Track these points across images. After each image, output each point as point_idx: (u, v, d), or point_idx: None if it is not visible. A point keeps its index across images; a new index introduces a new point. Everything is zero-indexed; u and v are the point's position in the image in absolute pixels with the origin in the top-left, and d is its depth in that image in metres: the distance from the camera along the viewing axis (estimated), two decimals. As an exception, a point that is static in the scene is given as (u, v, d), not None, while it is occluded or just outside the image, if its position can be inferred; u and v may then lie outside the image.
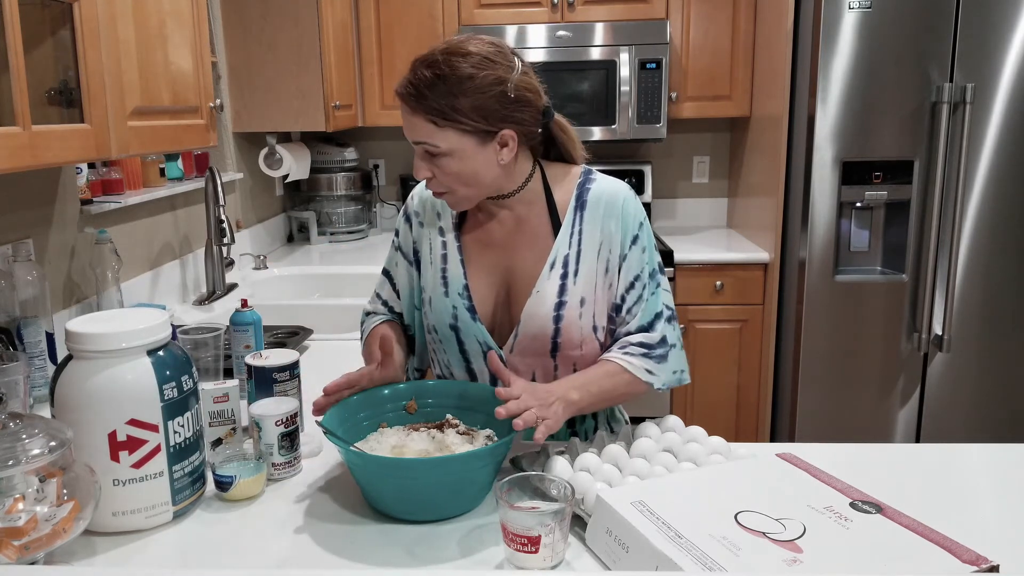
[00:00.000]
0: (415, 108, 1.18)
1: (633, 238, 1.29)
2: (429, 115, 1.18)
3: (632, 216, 1.29)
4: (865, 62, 2.57)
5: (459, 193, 1.24)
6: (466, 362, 1.34)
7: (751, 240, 3.23)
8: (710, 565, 0.86)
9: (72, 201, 1.87)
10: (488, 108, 1.18)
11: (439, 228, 1.36)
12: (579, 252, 1.28)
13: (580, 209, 1.29)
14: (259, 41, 2.82)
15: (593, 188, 1.30)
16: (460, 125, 1.18)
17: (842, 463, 1.22)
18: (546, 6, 3.16)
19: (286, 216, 3.48)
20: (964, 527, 1.03)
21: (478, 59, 1.18)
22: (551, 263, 1.28)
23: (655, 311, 1.29)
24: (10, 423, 0.96)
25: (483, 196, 1.27)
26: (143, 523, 1.07)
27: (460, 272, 1.32)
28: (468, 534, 1.05)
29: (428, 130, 1.19)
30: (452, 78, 1.16)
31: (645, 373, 1.27)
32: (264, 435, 1.20)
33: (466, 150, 1.20)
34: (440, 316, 1.33)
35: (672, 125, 3.47)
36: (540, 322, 1.27)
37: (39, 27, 1.30)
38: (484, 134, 1.19)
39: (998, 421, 2.79)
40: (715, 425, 3.07)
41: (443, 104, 1.16)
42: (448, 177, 1.22)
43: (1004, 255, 2.67)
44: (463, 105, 1.17)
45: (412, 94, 1.18)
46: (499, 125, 1.20)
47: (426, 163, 1.23)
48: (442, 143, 1.19)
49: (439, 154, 1.20)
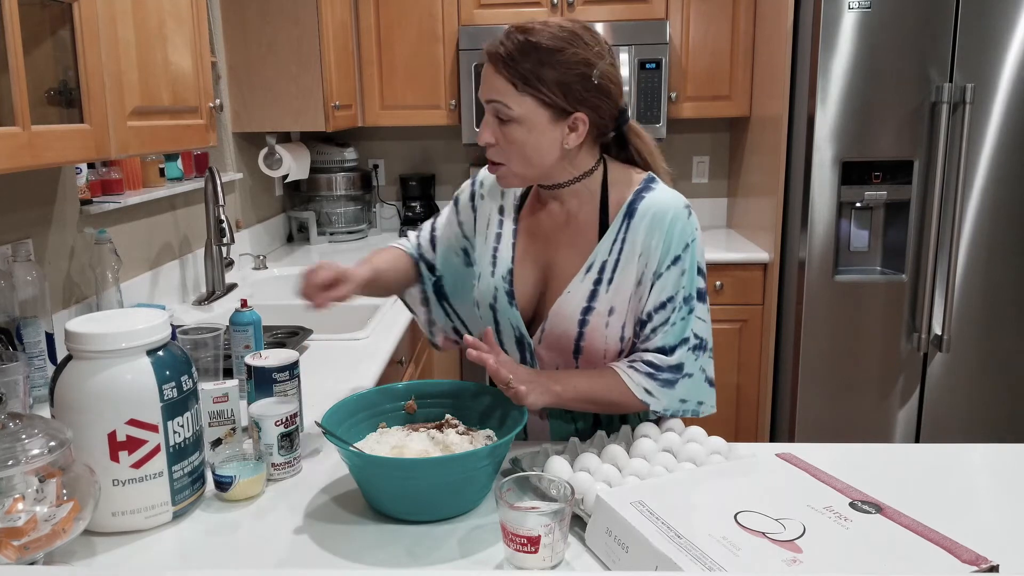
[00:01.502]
0: (499, 68, 1.19)
1: (674, 258, 1.23)
2: (512, 77, 1.18)
3: (678, 235, 1.23)
4: (865, 62, 2.57)
5: (514, 167, 1.23)
6: (500, 342, 1.36)
7: (751, 240, 3.23)
8: (710, 565, 0.86)
9: (72, 201, 1.87)
10: (570, 86, 1.18)
11: (500, 207, 1.38)
12: (617, 261, 1.25)
13: (628, 217, 1.25)
14: (259, 41, 2.81)
15: (647, 197, 1.25)
16: (539, 94, 1.18)
17: (842, 463, 1.22)
18: (546, 6, 3.16)
19: (286, 216, 3.48)
20: (964, 527, 1.03)
21: (570, 35, 1.19)
22: (588, 266, 1.26)
23: (681, 336, 1.25)
24: (10, 423, 0.96)
25: (536, 179, 1.27)
26: (143, 523, 1.07)
27: (509, 256, 1.33)
28: (468, 534, 1.05)
29: (507, 91, 1.18)
30: (543, 47, 1.17)
31: (642, 391, 1.24)
32: (264, 435, 1.20)
33: (537, 123, 1.20)
34: (483, 293, 1.36)
35: (672, 125, 3.47)
36: (565, 323, 1.27)
37: (39, 27, 1.30)
38: (559, 112, 1.20)
39: (998, 421, 2.79)
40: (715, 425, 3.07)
41: (528, 69, 1.17)
42: (511, 146, 1.21)
43: (1004, 255, 2.67)
44: (547, 76, 1.17)
45: (501, 53, 1.19)
46: (576, 106, 1.20)
47: (494, 127, 1.22)
48: (516, 107, 1.19)
49: (509, 119, 1.20)
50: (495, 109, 1.20)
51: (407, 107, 3.27)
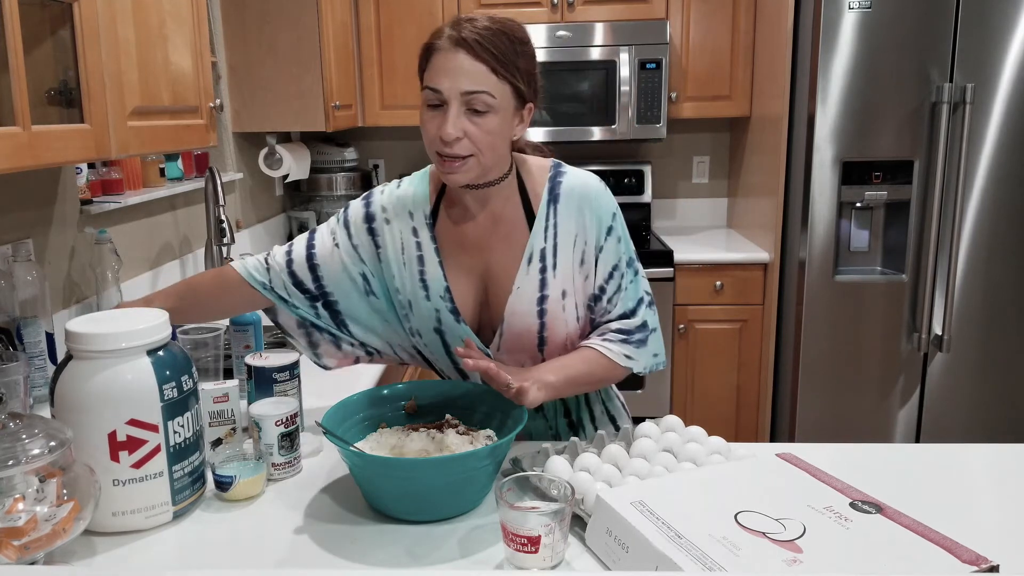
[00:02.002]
0: (478, 54, 1.13)
1: (608, 229, 1.27)
2: (493, 63, 1.14)
3: (606, 207, 1.27)
4: (865, 62, 2.57)
5: (484, 158, 1.18)
6: (454, 363, 1.34)
7: (751, 240, 3.23)
8: (710, 565, 0.86)
9: (72, 201, 1.87)
10: (533, 76, 1.20)
11: (412, 228, 1.30)
12: (555, 245, 1.27)
13: (554, 202, 1.27)
14: (259, 41, 2.81)
15: (565, 181, 1.28)
16: (515, 81, 1.17)
17: (842, 463, 1.22)
18: (546, 6, 3.16)
19: (286, 216, 3.48)
20: (964, 527, 1.03)
21: (527, 32, 1.21)
22: (528, 257, 1.27)
23: (637, 297, 1.30)
24: (10, 423, 0.96)
25: (487, 173, 1.22)
26: (143, 523, 1.07)
27: (440, 274, 1.29)
28: (468, 534, 1.05)
29: (487, 78, 1.14)
30: (514, 37, 1.17)
31: (624, 359, 1.28)
32: (264, 435, 1.20)
33: (508, 111, 1.19)
34: (423, 320, 1.31)
35: (672, 125, 3.47)
36: (524, 319, 1.27)
37: (39, 27, 1.30)
38: (520, 101, 1.20)
39: (998, 421, 2.79)
40: (715, 425, 3.07)
41: (504, 55, 1.16)
42: (485, 138, 1.16)
43: (1004, 255, 2.67)
44: (520, 64, 1.18)
45: (477, 40, 1.14)
46: (532, 97, 1.21)
47: (463, 120, 1.15)
48: (497, 94, 1.16)
49: (486, 110, 1.15)
50: (471, 100, 1.14)
51: (407, 107, 3.27)
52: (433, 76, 1.17)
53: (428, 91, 1.18)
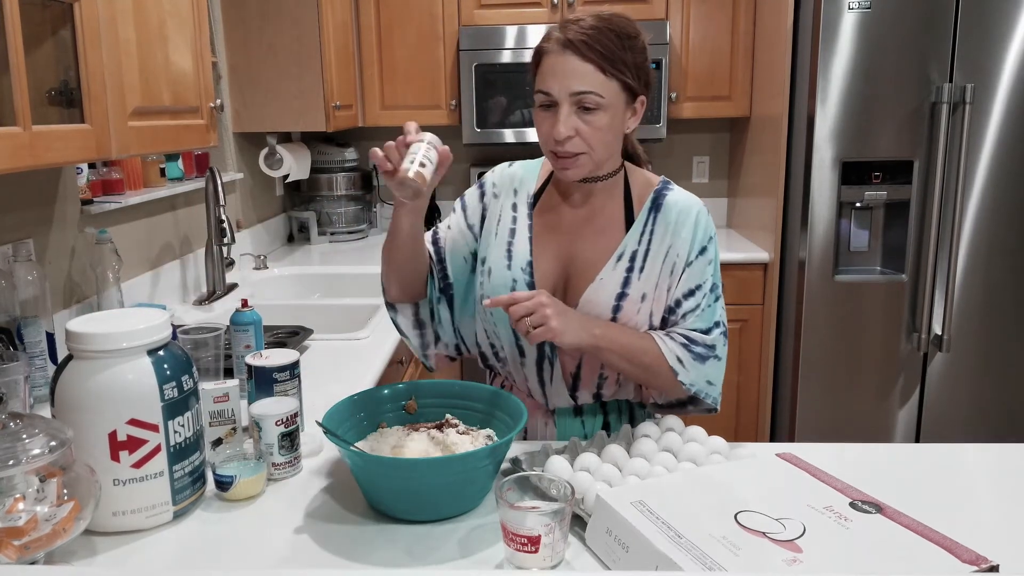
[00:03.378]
0: (585, 55, 1.17)
1: (702, 248, 1.29)
2: (600, 61, 1.17)
3: (704, 228, 1.29)
4: (865, 62, 2.57)
5: (596, 154, 1.22)
6: (516, 338, 1.34)
7: (751, 240, 3.23)
8: (710, 565, 0.86)
9: (72, 201, 1.87)
10: (643, 69, 1.21)
11: (513, 204, 1.36)
12: (647, 251, 1.29)
13: (655, 210, 1.30)
14: (259, 41, 2.82)
15: (670, 195, 1.31)
16: (624, 77, 1.19)
17: (842, 463, 1.22)
18: (546, 6, 3.16)
19: (286, 216, 3.48)
20: (964, 527, 1.03)
21: (636, 25, 1.22)
22: (618, 255, 1.29)
23: (713, 319, 1.30)
24: (10, 423, 0.96)
25: (600, 166, 1.26)
26: (143, 523, 1.07)
27: (526, 248, 1.32)
28: (468, 534, 1.05)
29: (595, 78, 1.17)
30: (622, 32, 1.19)
31: (675, 359, 1.26)
32: (264, 435, 1.20)
33: (618, 107, 1.21)
34: (498, 287, 1.32)
35: (672, 125, 3.47)
36: (599, 310, 1.28)
37: (39, 27, 1.30)
38: (631, 96, 1.22)
39: (998, 421, 2.79)
40: (715, 425, 3.07)
41: (612, 52, 1.17)
42: (596, 134, 1.20)
43: (1004, 255, 2.67)
44: (629, 59, 1.19)
45: (584, 41, 1.17)
46: (644, 90, 1.23)
47: (574, 119, 1.19)
48: (606, 93, 1.18)
49: (596, 107, 1.18)
50: (580, 100, 1.18)
51: (407, 107, 3.27)
52: (543, 79, 1.21)
53: (540, 94, 1.22)
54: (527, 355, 1.34)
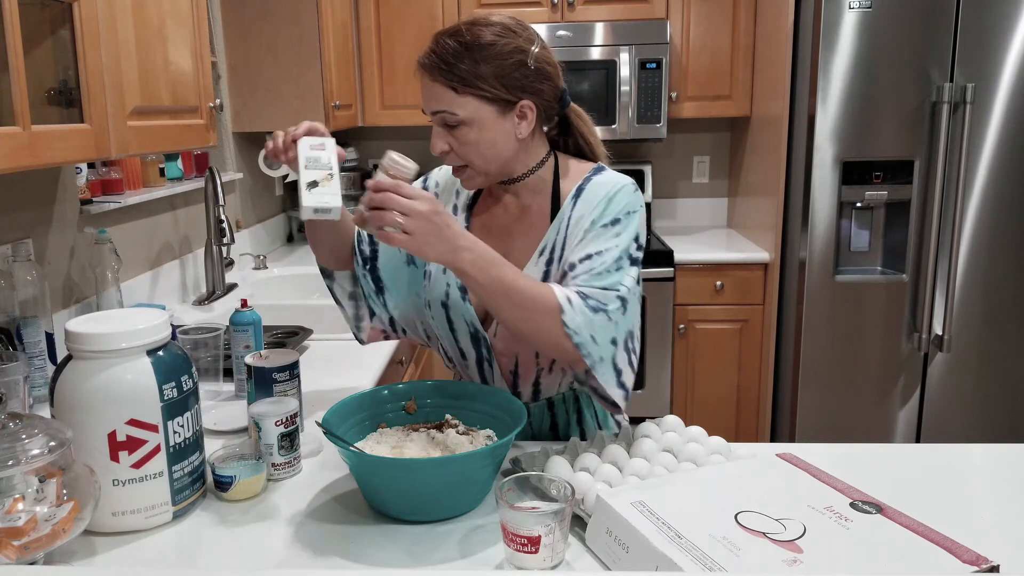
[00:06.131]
0: (435, 76, 1.19)
1: (613, 220, 1.21)
2: (449, 82, 1.18)
3: (619, 202, 1.22)
4: (865, 62, 2.57)
5: (477, 167, 1.24)
6: (455, 340, 1.35)
7: (751, 240, 3.23)
8: (710, 565, 0.86)
9: (72, 201, 1.87)
10: (508, 76, 1.19)
11: (454, 205, 1.37)
12: (564, 238, 1.26)
13: (576, 198, 1.27)
14: (259, 41, 2.81)
15: (595, 179, 1.27)
16: (481, 91, 1.18)
17: (842, 463, 1.22)
18: (546, 6, 3.16)
19: (286, 216, 3.48)
20: (964, 527, 1.03)
21: (499, 28, 1.20)
22: (540, 251, 1.28)
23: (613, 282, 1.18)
24: (10, 423, 0.96)
25: (497, 175, 1.26)
26: (143, 523, 1.07)
27: None
28: (468, 534, 1.05)
29: (448, 98, 1.19)
30: (475, 45, 1.17)
31: (564, 298, 1.15)
32: (264, 435, 1.20)
33: (486, 120, 1.20)
34: (435, 291, 1.34)
35: (672, 125, 3.47)
36: None
37: (39, 27, 1.30)
38: (504, 103, 1.20)
39: (998, 421, 2.79)
40: (715, 425, 3.07)
41: (464, 71, 1.17)
42: (466, 148, 1.22)
43: (1004, 255, 2.67)
44: (484, 72, 1.18)
45: (434, 63, 1.19)
46: (519, 95, 1.20)
47: (443, 136, 1.22)
48: (460, 111, 1.19)
49: (458, 124, 1.20)
50: (441, 119, 1.21)
51: (407, 107, 3.27)
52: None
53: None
54: (468, 357, 1.35)
